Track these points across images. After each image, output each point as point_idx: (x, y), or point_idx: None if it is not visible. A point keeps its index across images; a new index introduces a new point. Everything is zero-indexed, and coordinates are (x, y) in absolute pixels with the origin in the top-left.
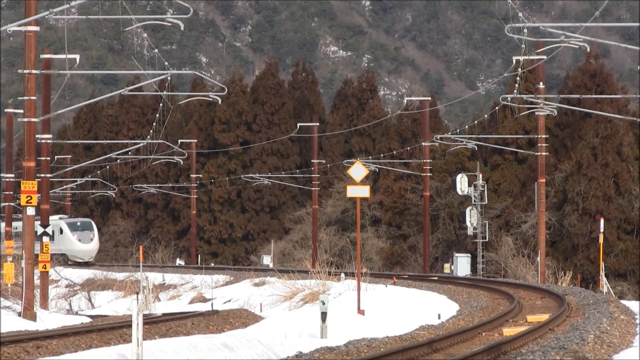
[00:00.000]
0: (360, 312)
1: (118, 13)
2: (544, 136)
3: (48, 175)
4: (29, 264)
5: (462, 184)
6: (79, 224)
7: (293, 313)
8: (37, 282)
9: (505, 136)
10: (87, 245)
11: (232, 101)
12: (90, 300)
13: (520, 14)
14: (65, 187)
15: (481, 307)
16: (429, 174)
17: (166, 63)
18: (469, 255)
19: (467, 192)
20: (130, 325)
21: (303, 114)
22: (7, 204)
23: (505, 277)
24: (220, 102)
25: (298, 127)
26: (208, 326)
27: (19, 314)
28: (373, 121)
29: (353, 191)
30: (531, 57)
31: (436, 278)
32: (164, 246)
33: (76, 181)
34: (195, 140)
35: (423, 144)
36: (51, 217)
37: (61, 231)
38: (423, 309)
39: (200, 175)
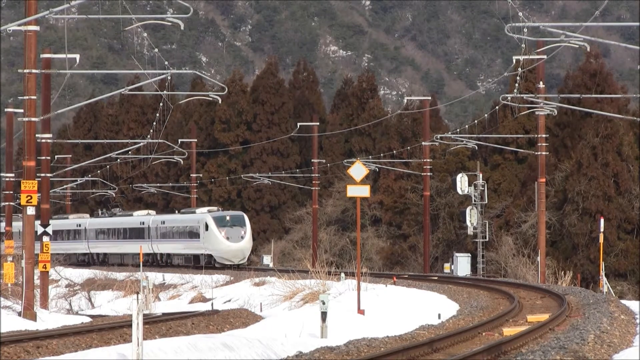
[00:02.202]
0: (361, 311)
1: (118, 12)
2: (544, 136)
3: (48, 174)
4: (29, 264)
5: (462, 183)
6: (228, 218)
7: (293, 313)
8: (37, 282)
9: (505, 136)
10: (237, 244)
11: (232, 101)
12: (90, 300)
13: (520, 14)
14: (65, 186)
15: (481, 307)
16: (429, 174)
17: (166, 62)
18: (469, 255)
19: (467, 191)
20: (130, 325)
21: (303, 114)
22: (7, 203)
23: (505, 277)
24: (220, 101)
25: (298, 126)
26: (208, 326)
27: (19, 314)
28: (373, 121)
29: (353, 191)
30: (531, 57)
31: (436, 278)
32: None
33: (76, 181)
34: (196, 140)
35: (423, 143)
36: (198, 210)
37: (207, 227)
38: (423, 308)
39: (201, 175)
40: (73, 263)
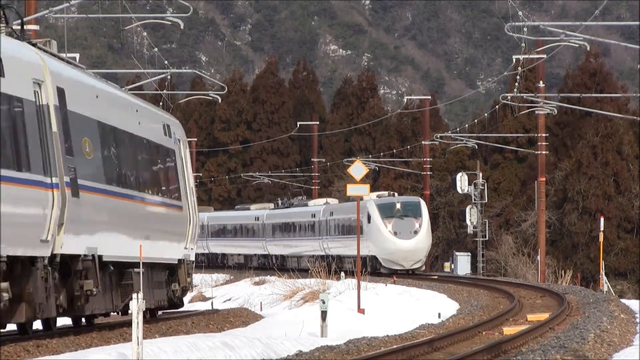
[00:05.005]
0: (361, 311)
1: (118, 12)
2: (544, 135)
3: None
4: None
5: (462, 182)
6: (397, 206)
7: (293, 312)
8: None
9: (505, 135)
10: (407, 242)
11: (232, 100)
12: None
13: (520, 13)
14: None
15: (481, 306)
16: (429, 173)
17: (166, 62)
18: (469, 254)
19: (467, 190)
20: (130, 324)
21: (303, 113)
22: None
23: (505, 276)
24: (220, 100)
25: (298, 125)
26: (208, 325)
27: None
28: (373, 120)
29: (353, 190)
30: (531, 56)
31: (436, 277)
32: None
33: None
34: (195, 139)
35: (423, 142)
36: (366, 198)
37: (369, 218)
38: (423, 307)
39: (201, 174)
40: (252, 267)
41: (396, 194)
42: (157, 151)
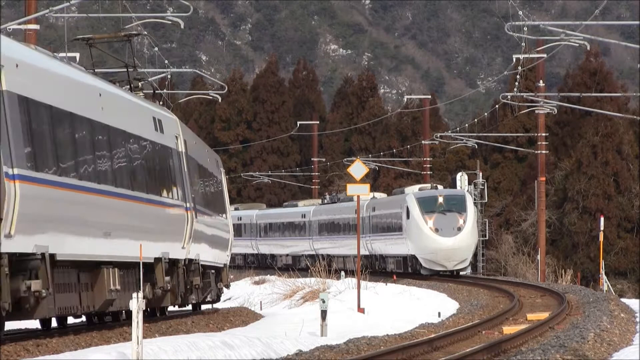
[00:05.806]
0: (361, 310)
1: (118, 11)
2: (544, 134)
3: None
4: None
5: (462, 182)
6: (440, 200)
7: (293, 311)
8: None
9: (505, 134)
10: (449, 240)
11: (232, 99)
12: None
13: (520, 12)
14: None
15: (481, 305)
16: (429, 172)
17: (166, 61)
18: None
19: (468, 190)
20: (130, 324)
21: (303, 112)
22: None
23: (505, 276)
24: (220, 100)
25: (298, 125)
26: (208, 324)
27: None
28: (373, 119)
29: (353, 189)
30: (531, 56)
31: (436, 276)
32: None
33: None
34: None
35: (423, 142)
36: (407, 189)
37: (408, 213)
38: (423, 307)
39: None
40: (302, 268)
41: (440, 187)
42: (216, 181)
